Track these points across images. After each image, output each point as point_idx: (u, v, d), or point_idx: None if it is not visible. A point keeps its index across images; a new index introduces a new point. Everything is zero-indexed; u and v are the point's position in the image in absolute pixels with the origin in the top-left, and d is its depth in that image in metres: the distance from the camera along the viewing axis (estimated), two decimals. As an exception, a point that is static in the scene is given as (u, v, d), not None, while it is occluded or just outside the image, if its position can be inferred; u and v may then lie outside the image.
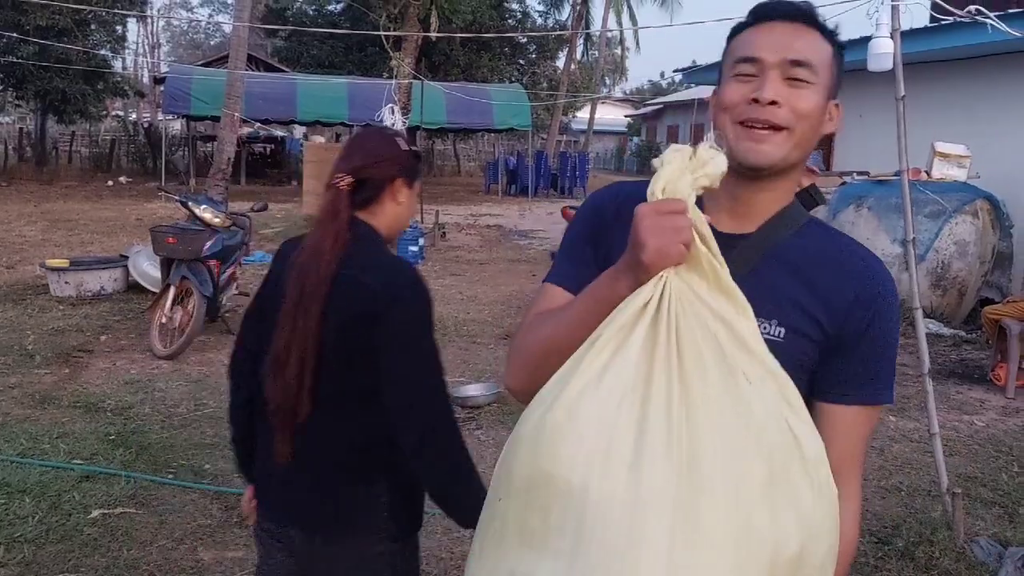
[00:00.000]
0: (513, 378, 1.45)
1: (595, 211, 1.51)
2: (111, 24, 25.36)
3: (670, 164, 1.20)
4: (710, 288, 1.17)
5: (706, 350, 1.13)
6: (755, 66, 1.33)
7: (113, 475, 4.43)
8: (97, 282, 8.91)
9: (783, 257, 1.36)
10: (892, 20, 4.24)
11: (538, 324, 1.42)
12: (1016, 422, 6.13)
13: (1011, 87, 10.31)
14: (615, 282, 1.24)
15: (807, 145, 1.36)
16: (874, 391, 1.37)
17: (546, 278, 1.51)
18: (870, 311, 1.35)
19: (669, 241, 1.16)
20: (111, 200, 19.58)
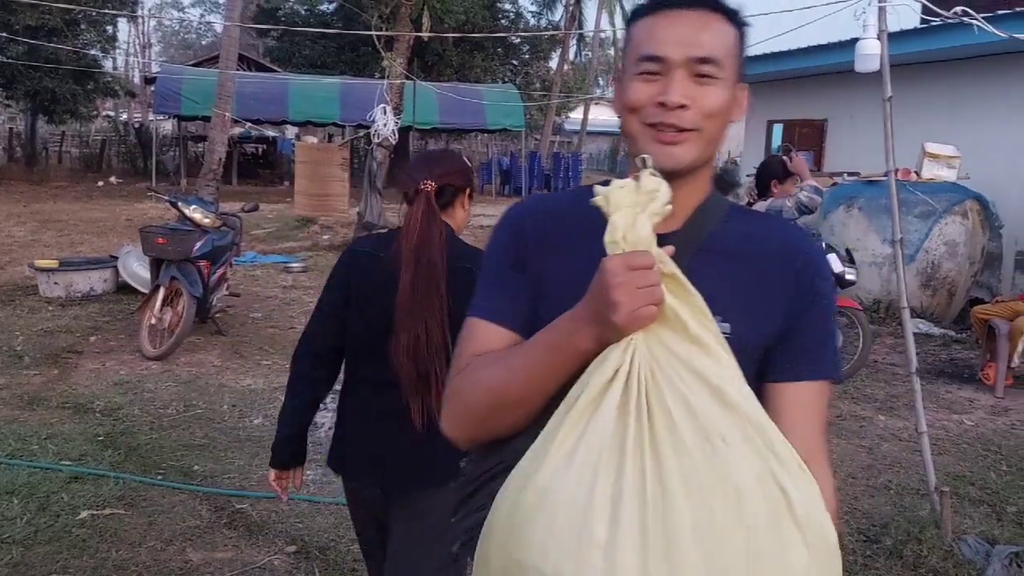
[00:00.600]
0: (454, 427, 1.36)
1: (514, 235, 1.41)
2: (101, 24, 25.27)
3: (620, 206, 1.15)
4: (680, 339, 1.14)
5: (680, 418, 1.09)
6: (660, 65, 1.28)
7: (102, 476, 4.41)
8: (87, 283, 8.88)
9: (715, 248, 1.33)
10: (879, 22, 4.25)
11: (480, 370, 1.31)
12: (1005, 421, 6.15)
13: (999, 88, 10.35)
14: (574, 334, 1.19)
15: (718, 140, 1.34)
16: (825, 366, 1.35)
17: (472, 311, 1.40)
18: (811, 289, 1.34)
19: (642, 303, 1.12)
20: (101, 200, 19.52)
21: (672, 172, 1.26)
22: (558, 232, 1.38)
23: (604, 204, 1.16)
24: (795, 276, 1.34)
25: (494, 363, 1.30)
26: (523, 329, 1.35)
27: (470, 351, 1.36)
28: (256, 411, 5.63)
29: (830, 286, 1.38)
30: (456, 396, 1.35)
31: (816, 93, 13.54)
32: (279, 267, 11.44)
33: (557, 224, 1.39)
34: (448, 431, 1.37)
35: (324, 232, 14.91)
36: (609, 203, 1.16)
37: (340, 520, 4.06)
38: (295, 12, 30.18)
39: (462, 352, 1.38)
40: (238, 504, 4.21)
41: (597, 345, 1.18)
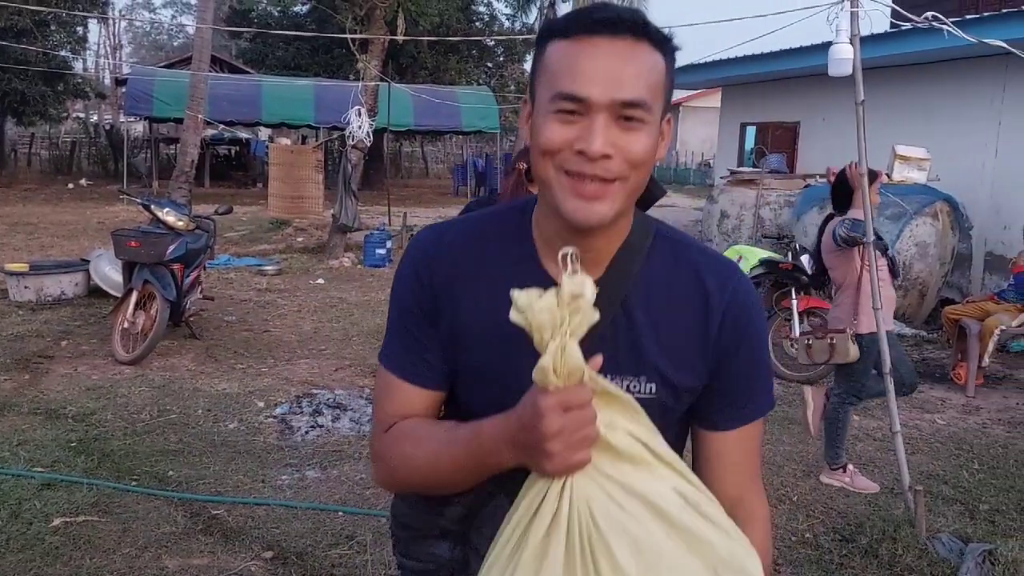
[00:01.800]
0: (387, 485, 1.39)
1: (419, 281, 1.29)
2: (71, 25, 25.00)
3: (543, 329, 1.05)
4: (613, 460, 1.10)
5: (624, 558, 1.06)
6: (580, 105, 1.12)
7: (75, 483, 4.36)
8: (57, 286, 8.79)
9: (637, 302, 1.24)
10: (852, 26, 4.29)
11: (406, 445, 1.27)
12: (976, 420, 6.23)
13: (967, 91, 10.49)
14: (500, 453, 1.13)
15: (641, 187, 1.20)
16: (757, 405, 1.31)
17: (384, 361, 1.34)
18: (739, 328, 1.26)
19: (577, 451, 1.05)
20: (71, 203, 19.31)
21: (594, 227, 1.17)
22: (469, 276, 1.27)
23: (525, 325, 1.06)
24: (720, 319, 1.26)
25: (420, 444, 1.26)
26: (443, 386, 1.32)
27: (391, 411, 1.32)
28: (231, 415, 5.59)
29: (760, 318, 1.31)
30: (383, 460, 1.32)
31: (789, 96, 13.65)
32: (253, 270, 11.36)
33: (467, 266, 1.28)
34: (378, 483, 1.39)
35: (298, 234, 14.83)
36: (532, 325, 1.06)
37: (317, 525, 4.04)
38: (268, 14, 29.98)
39: (383, 408, 1.33)
40: (214, 510, 4.18)
41: (520, 465, 1.12)
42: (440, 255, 1.30)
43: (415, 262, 1.32)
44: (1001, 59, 9.35)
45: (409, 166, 36.39)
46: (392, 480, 1.33)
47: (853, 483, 4.85)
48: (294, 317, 8.77)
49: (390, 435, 1.30)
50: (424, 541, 1.37)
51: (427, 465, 1.24)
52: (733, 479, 1.25)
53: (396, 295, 1.34)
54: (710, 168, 29.33)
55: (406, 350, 1.31)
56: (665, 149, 1.23)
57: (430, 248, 1.32)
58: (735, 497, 1.29)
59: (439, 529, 1.34)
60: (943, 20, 4.18)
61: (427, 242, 1.33)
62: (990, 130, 10.21)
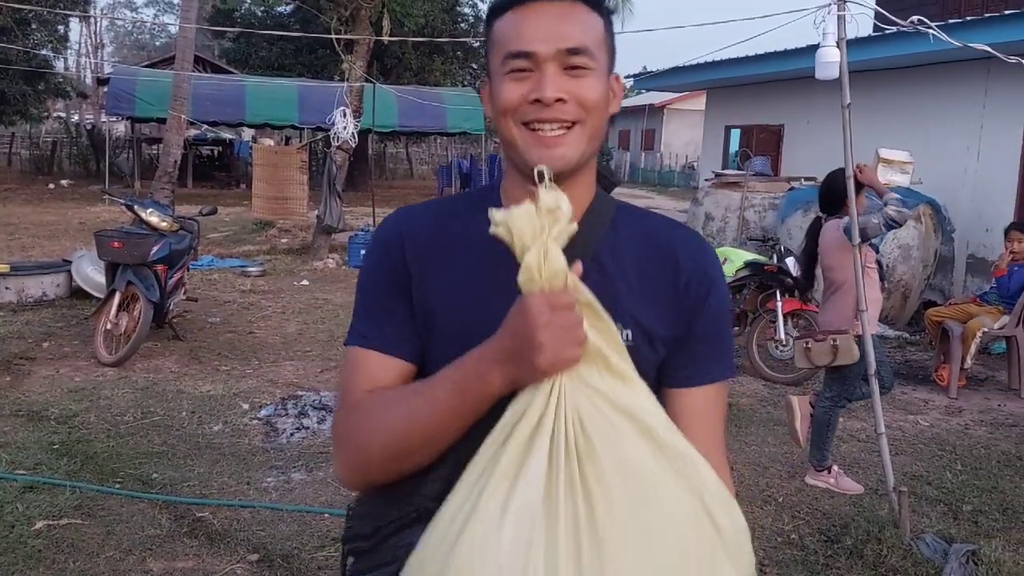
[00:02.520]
0: (350, 472, 1.27)
1: (393, 255, 1.31)
2: (53, 23, 24.83)
3: (524, 236, 1.09)
4: (602, 374, 1.11)
5: (611, 469, 1.05)
6: (529, 61, 1.21)
7: (58, 485, 4.32)
8: (39, 288, 8.71)
9: (607, 254, 1.29)
10: (838, 30, 4.32)
11: (378, 411, 1.22)
12: (959, 421, 6.27)
13: (950, 95, 10.57)
14: (486, 375, 1.13)
15: (600, 134, 1.27)
16: (722, 367, 1.34)
17: (356, 340, 1.31)
18: (704, 290, 1.31)
19: (567, 344, 1.08)
20: (52, 203, 19.17)
21: (560, 174, 1.21)
22: (442, 245, 1.30)
23: (506, 235, 1.10)
24: (686, 280, 1.31)
25: (394, 404, 1.21)
26: (416, 358, 1.29)
27: (361, 386, 1.27)
28: (215, 417, 5.56)
29: (722, 282, 1.36)
30: (351, 439, 1.24)
31: (773, 99, 13.71)
32: (237, 271, 11.31)
33: (437, 237, 1.31)
34: (342, 476, 1.28)
35: (282, 235, 14.77)
36: (512, 234, 1.09)
37: (303, 528, 4.02)
38: (252, 13, 29.86)
39: (351, 386, 1.28)
40: (198, 512, 4.15)
41: (510, 387, 1.13)
42: (410, 229, 1.33)
43: (384, 236, 1.34)
44: (983, 63, 9.43)
45: (394, 167, 36.33)
46: (362, 460, 1.23)
47: (838, 484, 4.87)
48: (278, 318, 8.73)
49: (360, 409, 1.24)
50: (398, 534, 1.23)
51: (405, 423, 1.18)
52: (697, 438, 1.23)
53: (365, 272, 1.35)
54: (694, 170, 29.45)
55: (376, 324, 1.30)
56: (618, 105, 1.32)
57: (400, 223, 1.35)
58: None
59: (416, 510, 1.22)
60: (929, 24, 4.20)
61: (395, 220, 1.36)
62: (972, 134, 10.29)
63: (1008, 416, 6.43)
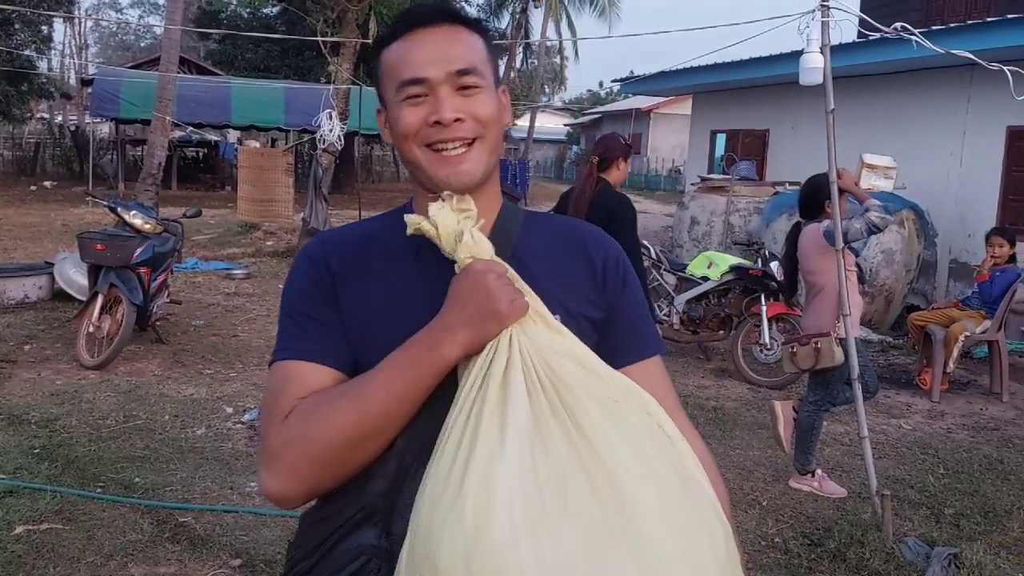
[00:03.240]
0: (291, 482, 1.20)
1: (319, 272, 1.33)
2: (36, 24, 24.65)
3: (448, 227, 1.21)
4: (542, 330, 1.20)
5: (578, 389, 1.14)
6: (423, 86, 1.28)
7: (38, 490, 4.29)
8: (21, 290, 8.65)
9: (524, 252, 1.35)
10: (822, 36, 4.34)
11: (319, 408, 1.19)
12: (941, 425, 6.31)
13: (932, 100, 10.64)
14: (441, 344, 1.18)
15: (499, 146, 1.34)
16: (653, 341, 1.43)
17: (282, 355, 1.28)
18: (620, 272, 1.40)
19: (516, 295, 1.19)
20: (35, 205, 19.05)
21: (468, 189, 1.28)
22: (365, 260, 1.34)
23: (431, 230, 1.21)
24: (603, 266, 1.39)
25: (337, 398, 1.19)
26: (348, 368, 1.27)
27: (292, 395, 1.23)
28: (198, 421, 5.53)
29: (629, 271, 1.44)
30: (291, 445, 1.18)
31: (758, 104, 13.78)
32: (221, 274, 11.26)
33: (362, 252, 1.35)
34: (279, 490, 1.20)
35: (268, 238, 14.72)
36: (437, 227, 1.21)
37: (286, 533, 4.00)
38: (238, 15, 29.78)
39: (281, 399, 1.23)
40: (181, 517, 4.13)
41: (464, 352, 1.18)
42: (334, 243, 1.37)
43: (314, 256, 1.36)
44: (966, 69, 9.50)
45: (380, 170, 36.27)
46: (307, 462, 1.17)
47: (822, 488, 4.89)
48: (263, 321, 8.69)
49: (297, 413, 1.20)
50: (349, 537, 1.18)
51: (356, 411, 1.16)
52: None
53: (289, 289, 1.35)
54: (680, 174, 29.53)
55: (305, 335, 1.28)
56: (510, 116, 1.39)
57: (323, 240, 1.40)
58: None
59: (361, 510, 1.18)
60: (912, 31, 4.23)
61: (318, 240, 1.42)
62: (955, 139, 10.37)
63: (990, 420, 6.47)
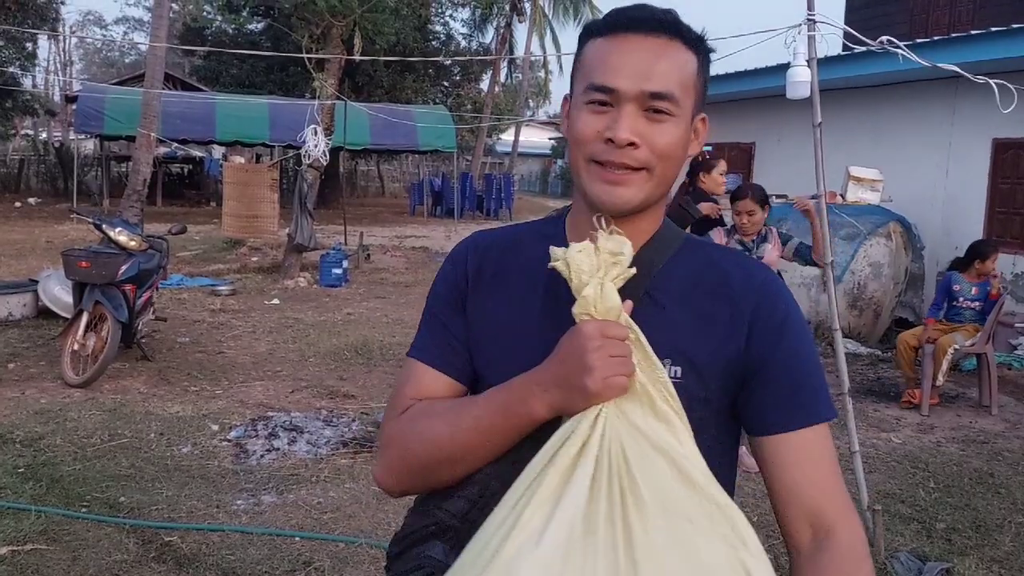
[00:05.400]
0: (387, 475, 1.29)
1: (458, 272, 1.36)
2: (20, 40, 24.56)
3: (582, 272, 1.12)
4: (645, 414, 1.10)
5: (650, 499, 1.03)
6: (610, 96, 1.19)
7: (23, 510, 4.22)
8: (5, 308, 8.57)
9: (664, 286, 1.25)
10: (809, 49, 4.35)
11: (422, 420, 1.25)
12: (931, 439, 6.31)
13: (919, 113, 10.71)
14: (531, 398, 1.14)
15: (670, 180, 1.25)
16: (812, 408, 1.23)
17: (414, 352, 1.36)
18: (775, 325, 1.24)
19: (616, 371, 1.09)
20: (19, 222, 18.92)
21: (622, 213, 1.22)
22: (503, 269, 1.33)
23: (564, 270, 1.14)
24: (752, 311, 1.25)
25: (439, 415, 1.24)
26: (465, 377, 1.33)
27: (411, 393, 1.31)
28: (184, 439, 5.47)
29: (799, 318, 1.28)
30: (394, 443, 1.28)
31: (744, 117, 13.83)
32: (207, 290, 11.19)
33: (504, 260, 1.34)
34: (380, 478, 1.30)
35: (253, 254, 14.66)
36: (570, 269, 1.13)
37: (273, 551, 3.96)
38: (223, 31, 29.77)
39: (402, 393, 1.32)
40: (167, 536, 4.07)
41: (552, 413, 1.13)
42: (477, 249, 1.37)
43: (455, 255, 1.40)
44: (951, 82, 9.56)
45: (365, 185, 36.29)
46: (401, 464, 1.26)
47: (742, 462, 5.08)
48: (249, 338, 8.63)
49: (407, 415, 1.28)
50: (421, 545, 1.20)
51: (446, 434, 1.20)
52: (804, 488, 1.17)
53: (436, 285, 1.39)
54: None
55: (433, 337, 1.34)
56: (699, 147, 1.31)
57: (470, 242, 1.40)
58: (811, 509, 1.20)
59: (435, 524, 1.20)
60: (898, 44, 4.25)
61: (468, 240, 1.42)
62: (941, 152, 10.43)
63: (980, 433, 6.47)
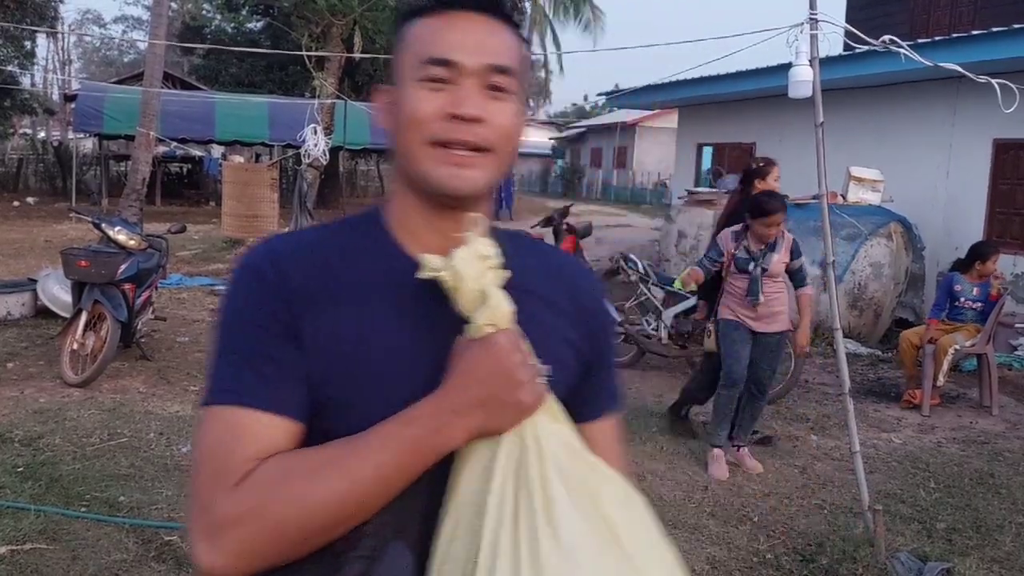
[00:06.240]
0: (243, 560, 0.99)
1: (269, 291, 1.07)
2: (19, 39, 24.54)
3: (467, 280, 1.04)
4: (551, 419, 1.07)
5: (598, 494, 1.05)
6: (450, 71, 1.08)
7: (22, 509, 4.21)
8: (3, 307, 8.55)
9: (517, 283, 1.12)
10: (811, 48, 4.34)
11: (295, 482, 0.99)
12: (931, 439, 6.30)
13: (919, 113, 10.71)
14: (448, 428, 1.01)
15: (509, 166, 1.16)
16: (619, 398, 1.31)
17: (226, 398, 1.04)
18: (600, 321, 1.26)
19: (537, 380, 1.04)
20: (18, 221, 18.89)
21: (462, 198, 1.11)
22: (334, 280, 1.10)
23: (450, 279, 1.04)
24: (582, 311, 1.23)
25: (318, 472, 0.99)
26: (305, 417, 1.06)
27: (250, 453, 1.00)
28: (184, 439, 5.46)
29: (610, 317, 1.32)
30: (249, 521, 0.98)
31: (745, 117, 13.84)
32: (206, 290, 11.18)
33: (330, 270, 1.10)
34: (222, 567, 0.99)
35: (253, 253, 14.60)
36: (455, 277, 1.04)
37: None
38: (222, 30, 29.74)
39: (231, 456, 1.00)
40: (167, 536, 4.06)
41: (470, 439, 1.03)
42: (283, 261, 1.10)
43: (255, 273, 1.10)
44: (952, 82, 9.56)
45: (365, 184, 36.23)
46: (271, 540, 0.98)
47: (710, 465, 5.34)
48: (249, 337, 8.60)
49: (252, 483, 0.99)
50: None
51: (341, 490, 0.98)
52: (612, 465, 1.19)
53: (235, 310, 1.09)
54: (666, 188, 29.62)
55: (260, 376, 1.04)
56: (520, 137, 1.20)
57: (267, 257, 1.11)
58: None
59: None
60: (900, 44, 4.24)
61: (259, 255, 1.12)
62: (942, 152, 10.43)
63: (980, 433, 6.47)
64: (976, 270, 7.12)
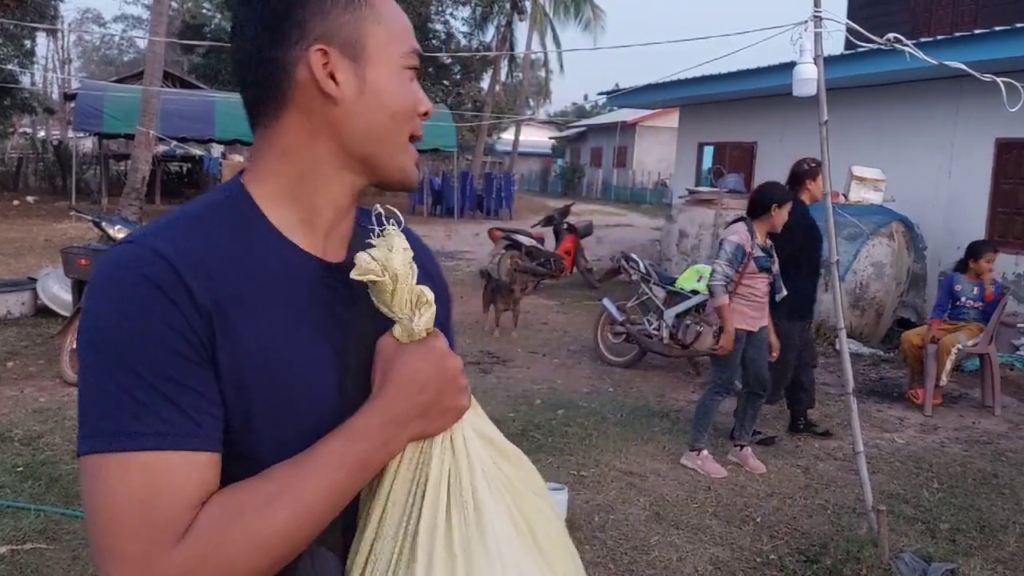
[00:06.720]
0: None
1: (172, 306, 0.89)
2: (19, 38, 24.51)
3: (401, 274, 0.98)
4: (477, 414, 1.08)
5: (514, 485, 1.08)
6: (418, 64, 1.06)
7: (22, 509, 4.20)
8: (3, 306, 8.53)
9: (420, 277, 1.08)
10: (815, 47, 4.32)
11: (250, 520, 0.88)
12: (934, 439, 6.28)
13: (921, 113, 10.69)
14: (393, 442, 0.97)
15: None
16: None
17: (140, 443, 0.86)
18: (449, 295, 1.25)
19: (466, 381, 1.03)
20: (17, 220, 18.87)
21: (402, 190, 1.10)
22: (232, 289, 0.95)
23: (381, 275, 0.96)
24: (442, 292, 1.21)
25: (274, 500, 0.90)
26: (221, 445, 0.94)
27: (186, 501, 0.88)
28: (185, 438, 5.44)
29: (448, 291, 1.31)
30: (209, 566, 0.86)
31: (746, 116, 13.82)
32: (207, 288, 11.15)
33: (225, 278, 0.95)
34: None
35: (253, 252, 14.59)
36: (392, 274, 0.97)
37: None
38: (222, 28, 29.74)
39: (161, 509, 0.86)
40: (167, 537, 4.04)
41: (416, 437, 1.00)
42: (189, 272, 0.92)
43: (154, 283, 0.90)
44: (955, 81, 9.54)
45: (365, 184, 36.29)
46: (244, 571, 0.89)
47: (704, 467, 5.29)
48: (249, 336, 8.59)
49: (204, 529, 0.88)
50: None
51: (299, 517, 0.91)
52: None
53: (138, 337, 0.89)
54: (666, 187, 29.63)
55: (182, 411, 0.89)
56: None
57: (161, 264, 0.91)
58: None
59: None
60: (905, 42, 4.22)
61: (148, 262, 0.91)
62: (944, 152, 10.41)
63: (983, 434, 6.45)
64: (972, 269, 7.11)
